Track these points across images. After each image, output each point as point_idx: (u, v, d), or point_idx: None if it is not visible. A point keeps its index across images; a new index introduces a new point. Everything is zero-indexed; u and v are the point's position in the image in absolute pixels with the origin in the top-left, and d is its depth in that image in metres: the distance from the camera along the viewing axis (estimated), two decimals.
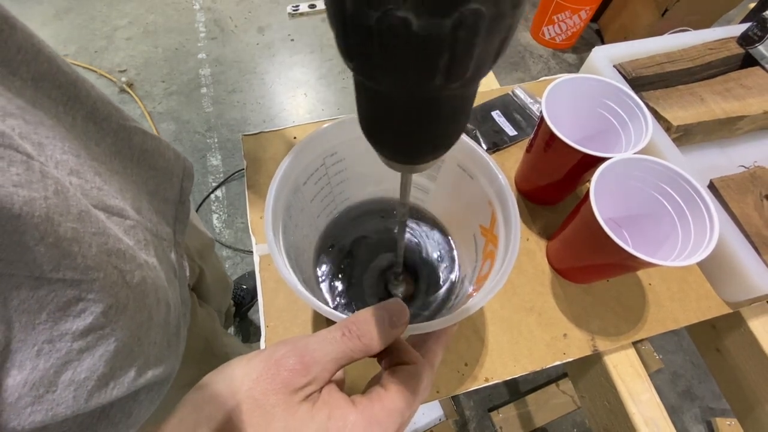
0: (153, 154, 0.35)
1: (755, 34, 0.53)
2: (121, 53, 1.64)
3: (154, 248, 0.31)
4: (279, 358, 0.18)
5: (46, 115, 0.25)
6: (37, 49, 0.26)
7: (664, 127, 0.49)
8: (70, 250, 0.21)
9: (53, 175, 0.21)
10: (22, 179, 0.19)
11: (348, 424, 0.17)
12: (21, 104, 0.23)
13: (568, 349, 0.39)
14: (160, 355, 0.30)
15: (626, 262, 0.33)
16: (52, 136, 0.24)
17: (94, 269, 0.22)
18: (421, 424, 0.93)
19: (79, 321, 0.22)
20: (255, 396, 0.17)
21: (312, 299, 0.24)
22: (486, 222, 0.32)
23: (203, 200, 1.32)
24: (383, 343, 0.20)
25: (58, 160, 0.24)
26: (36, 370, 0.20)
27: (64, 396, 0.22)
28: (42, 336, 0.20)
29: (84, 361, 0.23)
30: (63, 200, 0.21)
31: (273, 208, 0.27)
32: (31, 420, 0.20)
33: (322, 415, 0.17)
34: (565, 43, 1.75)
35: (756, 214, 0.43)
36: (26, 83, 0.24)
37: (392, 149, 0.17)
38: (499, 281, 0.25)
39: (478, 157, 0.31)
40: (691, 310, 0.42)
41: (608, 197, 0.35)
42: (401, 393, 0.19)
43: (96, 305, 0.23)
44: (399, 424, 0.18)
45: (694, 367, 1.13)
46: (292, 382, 0.17)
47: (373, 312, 0.20)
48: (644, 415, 0.38)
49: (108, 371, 0.24)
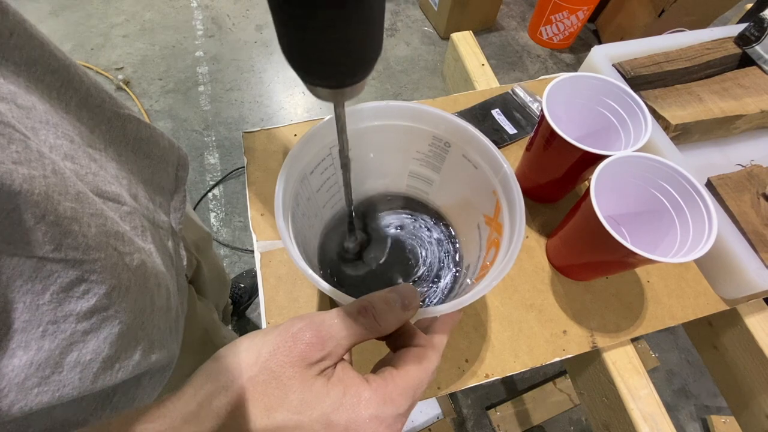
0: (148, 142, 0.35)
1: (752, 34, 0.53)
2: (118, 51, 1.63)
3: (150, 235, 0.31)
4: (296, 332, 0.18)
5: (39, 100, 0.24)
6: (29, 33, 0.25)
7: (663, 125, 0.49)
8: (70, 229, 0.21)
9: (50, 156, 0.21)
10: (22, 157, 0.18)
11: (362, 400, 0.17)
12: (13, 89, 0.23)
13: (567, 345, 0.40)
14: (162, 340, 0.30)
15: (625, 258, 0.33)
16: (45, 120, 0.24)
17: (95, 249, 0.22)
18: (419, 423, 0.93)
19: (83, 302, 0.22)
20: (271, 368, 0.17)
21: (322, 283, 0.24)
22: (490, 211, 0.32)
23: (201, 199, 1.32)
24: (395, 324, 0.20)
25: (52, 145, 0.23)
26: (41, 350, 0.20)
27: (70, 377, 0.22)
28: (46, 317, 0.20)
29: (89, 342, 0.23)
30: (61, 180, 0.21)
31: (283, 196, 0.27)
32: (38, 401, 0.20)
33: (337, 390, 0.17)
34: (563, 43, 1.75)
35: (753, 211, 0.43)
36: (19, 68, 0.24)
37: (314, 69, 0.18)
38: (505, 266, 0.25)
39: (483, 146, 0.31)
40: (689, 306, 0.42)
41: (608, 195, 0.36)
42: (412, 373, 0.19)
43: (99, 286, 0.23)
44: (410, 403, 0.19)
45: (690, 365, 1.14)
46: (309, 356, 0.18)
47: (386, 294, 0.20)
48: (643, 411, 0.39)
49: (113, 353, 0.24)
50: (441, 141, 0.34)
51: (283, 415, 0.17)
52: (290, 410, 0.17)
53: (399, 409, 0.18)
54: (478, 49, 0.63)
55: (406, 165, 0.38)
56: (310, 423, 0.17)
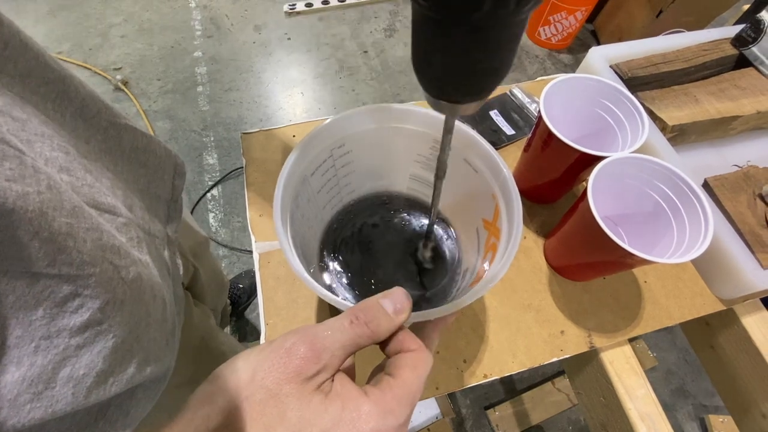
0: (144, 152, 0.35)
1: (749, 35, 0.54)
2: (116, 51, 1.63)
3: (146, 246, 0.31)
4: (289, 347, 0.18)
5: (34, 112, 0.24)
6: (24, 44, 0.25)
7: (660, 126, 0.49)
8: (65, 245, 0.21)
9: (45, 171, 0.21)
10: (16, 174, 0.18)
11: (362, 414, 0.17)
12: (8, 101, 0.23)
13: (565, 345, 0.40)
14: (157, 352, 0.30)
15: (623, 259, 0.33)
16: (41, 133, 0.24)
17: (89, 264, 0.22)
18: (418, 423, 0.93)
19: (77, 317, 0.22)
20: (268, 386, 0.17)
21: (318, 287, 0.24)
22: (489, 215, 0.32)
23: (199, 199, 1.31)
24: (389, 330, 0.20)
25: (47, 157, 0.23)
26: (34, 366, 0.20)
27: (63, 392, 0.22)
28: (39, 332, 0.20)
29: (82, 357, 0.23)
30: (56, 195, 0.21)
31: (282, 197, 0.28)
32: (31, 417, 0.20)
33: (336, 406, 0.17)
34: (561, 43, 1.76)
35: (749, 212, 0.43)
36: (14, 79, 0.24)
37: (439, 83, 0.19)
38: (501, 269, 0.25)
39: (484, 150, 0.31)
40: (686, 307, 0.43)
41: (605, 196, 0.36)
42: (409, 380, 0.19)
43: (93, 301, 0.23)
44: (409, 411, 0.19)
45: (688, 364, 1.14)
46: (305, 370, 0.18)
47: (378, 300, 0.21)
48: (640, 410, 0.39)
49: (107, 367, 0.24)
50: None
51: None
52: (289, 428, 0.17)
53: (399, 419, 0.18)
54: None
55: (407, 168, 0.38)
56: None
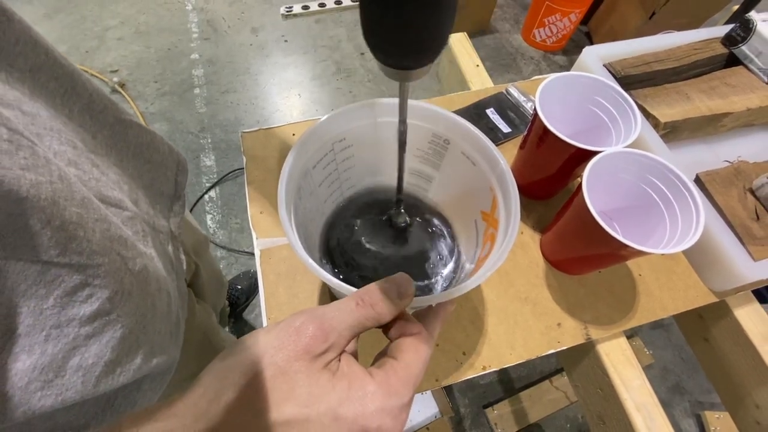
0: (148, 148, 0.36)
1: (738, 34, 0.55)
2: (113, 53, 1.63)
3: (151, 240, 0.32)
4: (299, 326, 0.19)
5: (44, 107, 0.25)
6: (34, 40, 0.26)
7: (653, 124, 0.50)
8: (75, 234, 0.21)
9: (56, 162, 0.21)
10: (29, 163, 0.19)
11: (368, 394, 0.18)
12: (18, 95, 0.23)
13: (562, 337, 0.41)
14: (163, 344, 0.31)
15: (617, 251, 0.34)
16: (50, 127, 0.24)
17: (99, 254, 0.23)
18: (417, 421, 0.93)
19: (86, 306, 0.22)
20: (278, 363, 0.18)
21: (324, 273, 0.25)
22: (487, 207, 0.33)
23: (197, 201, 1.32)
24: (392, 313, 0.21)
25: (56, 151, 0.24)
26: (45, 354, 0.21)
27: (72, 381, 0.22)
28: (50, 321, 0.21)
29: (91, 346, 0.23)
30: (67, 185, 0.21)
31: (286, 187, 0.28)
32: (41, 404, 0.21)
33: (343, 384, 0.18)
34: (556, 45, 1.78)
35: (740, 206, 0.44)
36: (24, 74, 0.24)
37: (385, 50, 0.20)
38: (499, 258, 0.26)
39: (481, 143, 0.32)
40: (679, 299, 0.43)
41: (599, 190, 0.37)
42: (412, 363, 0.20)
43: (102, 291, 0.23)
44: (412, 392, 0.19)
45: (683, 362, 1.15)
46: (313, 348, 0.18)
47: (382, 284, 0.21)
48: (636, 401, 0.40)
49: (115, 357, 0.25)
50: (440, 138, 0.35)
51: (291, 408, 0.17)
52: (298, 404, 0.17)
53: (403, 399, 0.19)
54: (472, 51, 0.65)
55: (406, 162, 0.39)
56: (317, 416, 0.17)
